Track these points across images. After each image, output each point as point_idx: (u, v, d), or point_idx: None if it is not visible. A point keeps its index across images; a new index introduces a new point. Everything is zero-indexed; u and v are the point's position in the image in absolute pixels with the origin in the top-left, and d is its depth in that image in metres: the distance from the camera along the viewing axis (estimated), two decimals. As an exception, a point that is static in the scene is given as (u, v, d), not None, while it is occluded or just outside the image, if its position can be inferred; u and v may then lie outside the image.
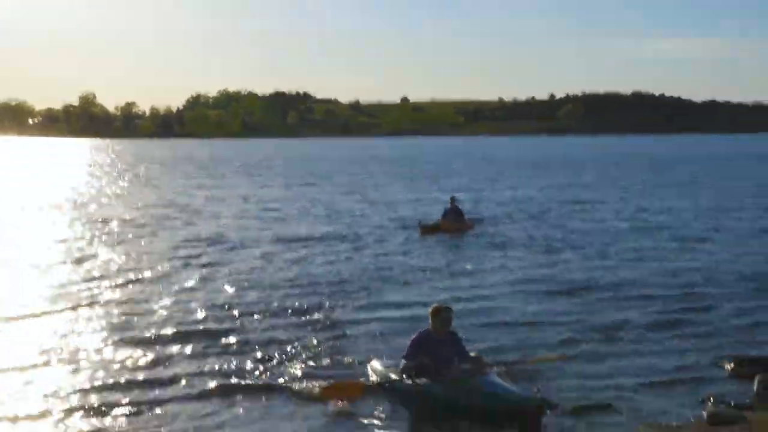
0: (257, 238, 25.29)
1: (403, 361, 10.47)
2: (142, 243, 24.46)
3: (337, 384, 10.63)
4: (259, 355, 12.34)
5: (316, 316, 14.92)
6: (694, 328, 13.90)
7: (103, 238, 25.63)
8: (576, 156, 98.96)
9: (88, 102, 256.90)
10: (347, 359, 12.19)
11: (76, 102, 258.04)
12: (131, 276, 18.77)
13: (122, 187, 50.59)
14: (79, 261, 20.93)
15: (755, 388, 10.30)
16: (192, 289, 17.39)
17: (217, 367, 11.76)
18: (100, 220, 30.84)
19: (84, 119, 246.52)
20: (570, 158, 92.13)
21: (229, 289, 17.26)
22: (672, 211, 33.06)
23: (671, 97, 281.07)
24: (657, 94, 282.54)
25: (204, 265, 20.28)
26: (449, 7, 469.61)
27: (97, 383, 11.01)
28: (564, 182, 51.80)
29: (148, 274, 19.10)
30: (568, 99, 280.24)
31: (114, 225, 29.14)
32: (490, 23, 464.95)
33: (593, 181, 53.14)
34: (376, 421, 9.82)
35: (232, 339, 13.29)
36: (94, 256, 21.76)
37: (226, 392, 10.68)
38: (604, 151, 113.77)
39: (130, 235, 26.14)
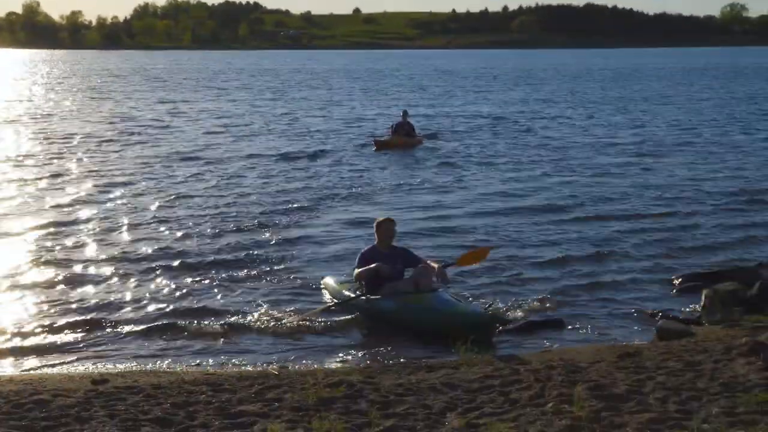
0: (221, 156, 24.89)
1: (356, 271, 10.67)
2: (111, 159, 24.24)
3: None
4: (214, 276, 12.39)
5: (271, 233, 14.98)
6: (650, 245, 14.10)
7: (70, 154, 25.14)
8: (535, 69, 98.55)
9: (31, 11, 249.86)
10: (301, 276, 12.32)
11: (19, 10, 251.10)
12: (100, 196, 18.50)
13: (80, 100, 49.03)
14: (47, 178, 20.76)
15: (702, 302, 10.63)
16: (152, 208, 17.31)
17: (169, 291, 11.74)
18: (63, 135, 30.19)
19: (28, 29, 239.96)
20: (529, 71, 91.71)
21: (186, 209, 17.21)
22: (644, 125, 33.27)
23: (623, 9, 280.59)
24: (609, 6, 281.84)
25: (170, 184, 20.18)
26: None
27: (59, 309, 10.95)
28: (524, 96, 51.65)
29: (117, 193, 18.90)
30: (522, 11, 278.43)
31: (77, 140, 28.59)
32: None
33: (554, 94, 52.94)
34: (330, 338, 9.94)
35: (187, 261, 13.18)
36: (63, 172, 21.50)
37: (178, 318, 10.58)
38: (562, 64, 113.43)
39: (97, 153, 25.64)
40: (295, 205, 17.47)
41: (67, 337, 9.94)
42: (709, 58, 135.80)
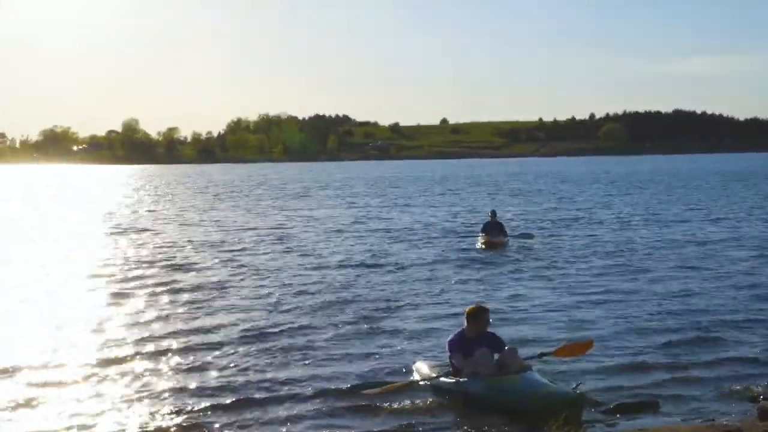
0: (345, 258, 24.22)
1: (452, 361, 10.63)
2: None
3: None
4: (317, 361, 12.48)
5: (368, 320, 15.20)
6: (740, 329, 13.69)
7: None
8: (642, 174, 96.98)
9: (131, 128, 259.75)
10: (395, 362, 12.20)
11: (119, 128, 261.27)
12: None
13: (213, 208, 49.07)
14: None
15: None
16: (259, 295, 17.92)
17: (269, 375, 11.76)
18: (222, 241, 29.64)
19: (127, 146, 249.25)
20: (635, 176, 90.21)
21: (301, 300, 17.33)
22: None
23: (713, 114, 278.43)
24: (698, 111, 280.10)
25: (278, 279, 20.36)
26: (488, 29, 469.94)
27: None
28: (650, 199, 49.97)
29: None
30: (609, 118, 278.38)
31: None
32: (529, 43, 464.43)
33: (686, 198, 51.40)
34: (418, 418, 9.77)
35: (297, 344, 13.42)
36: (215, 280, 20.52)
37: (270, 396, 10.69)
38: (669, 170, 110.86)
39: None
40: (388, 292, 17.89)
41: (142, 411, 10.03)
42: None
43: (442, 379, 10.67)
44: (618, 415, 9.52)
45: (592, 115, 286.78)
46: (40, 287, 18.96)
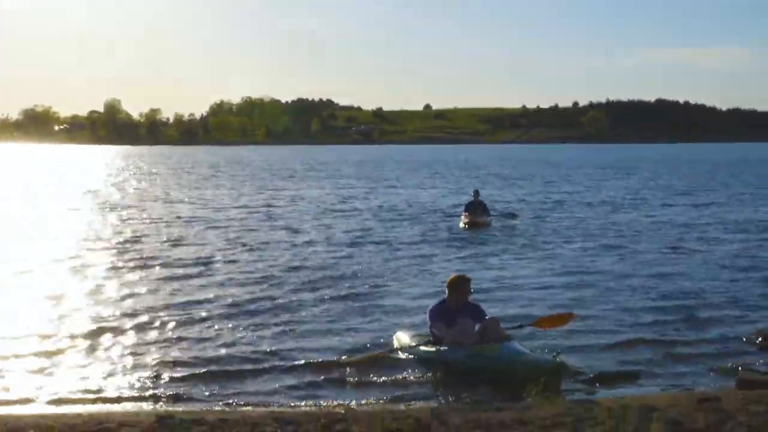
0: (330, 236, 24.37)
1: (432, 331, 10.71)
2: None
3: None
4: (282, 322, 12.94)
5: (347, 290, 15.63)
6: (723, 308, 13.81)
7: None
8: (627, 161, 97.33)
9: (113, 109, 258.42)
10: (377, 336, 12.25)
11: (101, 109, 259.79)
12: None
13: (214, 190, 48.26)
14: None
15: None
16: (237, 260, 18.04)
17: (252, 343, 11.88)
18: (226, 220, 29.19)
19: (109, 126, 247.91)
20: (610, 163, 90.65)
21: (263, 262, 18.39)
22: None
23: (696, 104, 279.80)
24: (681, 101, 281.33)
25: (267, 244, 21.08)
26: (473, 15, 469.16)
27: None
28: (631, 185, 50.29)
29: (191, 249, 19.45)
30: (592, 106, 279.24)
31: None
32: (513, 30, 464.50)
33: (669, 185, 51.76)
34: (399, 387, 9.80)
35: (259, 307, 14.00)
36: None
37: (245, 362, 10.82)
38: (655, 157, 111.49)
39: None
40: (373, 269, 18.06)
41: (134, 379, 10.01)
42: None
43: (422, 348, 10.70)
44: (597, 384, 9.58)
45: (575, 103, 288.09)
46: (31, 263, 18.80)
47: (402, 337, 11.40)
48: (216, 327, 12.69)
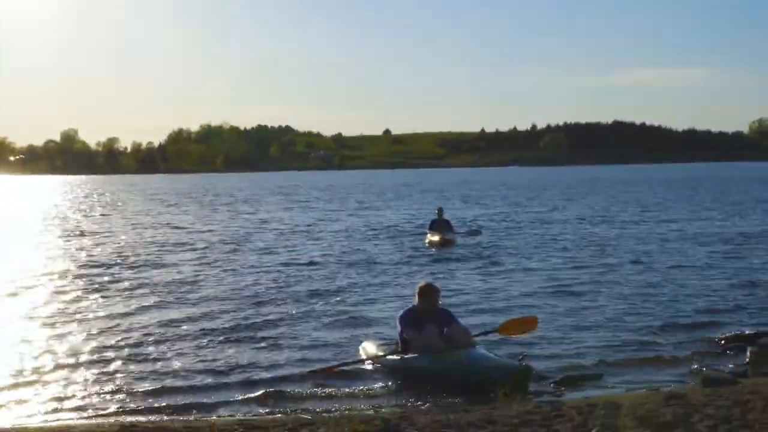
0: (298, 256, 24.16)
1: (402, 337, 10.66)
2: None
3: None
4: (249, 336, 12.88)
5: (317, 303, 15.88)
6: (688, 313, 14.00)
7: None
8: (587, 182, 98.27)
9: (69, 138, 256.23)
10: (344, 349, 12.19)
11: (57, 138, 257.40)
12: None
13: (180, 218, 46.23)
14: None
15: (747, 358, 10.35)
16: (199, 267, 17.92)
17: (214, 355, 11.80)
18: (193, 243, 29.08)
19: (66, 156, 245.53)
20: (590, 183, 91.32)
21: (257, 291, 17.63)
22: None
23: (651, 125, 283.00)
24: (638, 122, 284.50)
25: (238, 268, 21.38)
26: (431, 38, 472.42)
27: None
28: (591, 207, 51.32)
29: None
30: (549, 129, 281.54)
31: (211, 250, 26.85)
32: (470, 55, 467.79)
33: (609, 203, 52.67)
34: (366, 396, 9.73)
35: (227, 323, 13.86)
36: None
37: (212, 375, 10.70)
38: (612, 178, 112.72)
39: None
40: (339, 286, 18.16)
41: (98, 392, 9.88)
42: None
43: (389, 357, 10.68)
44: (563, 388, 9.60)
45: (533, 126, 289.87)
46: (9, 285, 18.57)
47: (368, 347, 11.38)
48: (182, 343, 12.55)
